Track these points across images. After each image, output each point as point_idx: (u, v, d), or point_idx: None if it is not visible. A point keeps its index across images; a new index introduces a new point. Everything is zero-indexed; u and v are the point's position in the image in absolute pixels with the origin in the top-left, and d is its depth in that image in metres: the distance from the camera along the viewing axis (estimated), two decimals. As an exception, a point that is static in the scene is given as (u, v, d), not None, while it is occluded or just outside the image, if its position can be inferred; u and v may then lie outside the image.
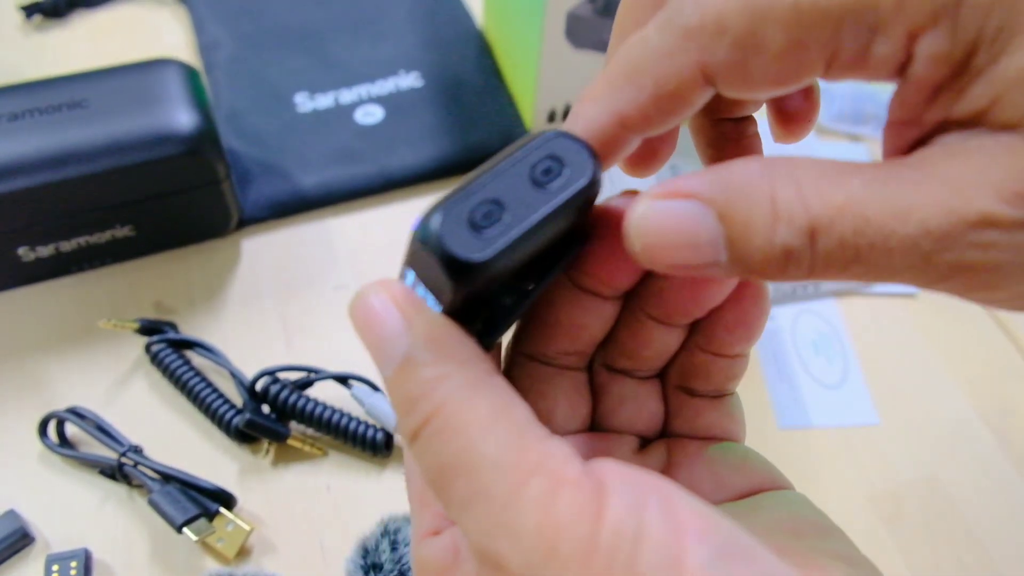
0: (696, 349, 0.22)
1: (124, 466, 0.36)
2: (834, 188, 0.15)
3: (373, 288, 0.17)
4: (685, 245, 0.16)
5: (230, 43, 0.55)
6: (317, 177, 0.48)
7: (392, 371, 0.16)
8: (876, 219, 0.15)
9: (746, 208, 0.15)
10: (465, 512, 0.15)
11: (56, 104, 0.39)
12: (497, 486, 0.14)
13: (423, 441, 0.15)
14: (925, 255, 0.15)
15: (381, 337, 0.16)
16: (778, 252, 0.15)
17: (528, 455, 0.15)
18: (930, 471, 0.41)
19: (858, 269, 0.15)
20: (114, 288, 0.44)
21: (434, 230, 0.16)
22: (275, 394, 0.38)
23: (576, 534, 0.13)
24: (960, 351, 0.45)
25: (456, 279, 0.16)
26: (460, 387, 0.15)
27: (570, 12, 0.45)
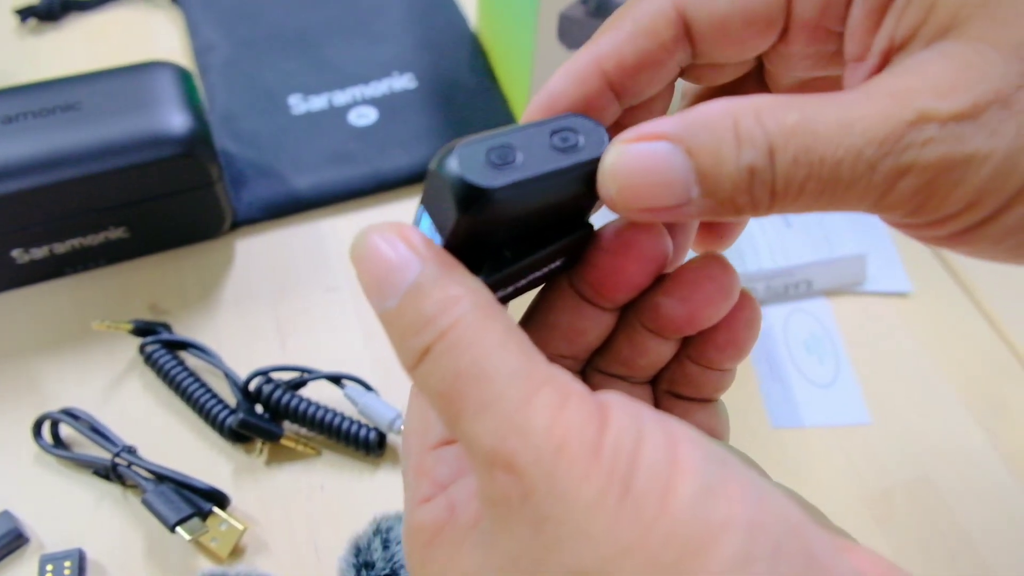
0: (687, 361, 0.22)
1: (118, 466, 0.36)
2: (788, 111, 0.16)
3: (375, 227, 0.17)
4: (658, 183, 0.17)
5: (224, 46, 0.55)
6: (311, 179, 0.48)
7: (399, 298, 0.16)
8: (824, 132, 0.15)
9: (712, 139, 0.16)
10: (477, 417, 0.15)
11: (50, 107, 0.39)
12: (511, 391, 0.15)
13: (435, 355, 0.16)
14: (870, 162, 0.15)
15: (387, 267, 0.16)
16: (744, 173, 0.16)
17: (538, 370, 0.15)
18: (922, 471, 0.41)
19: (813, 186, 0.16)
20: (108, 289, 0.44)
21: (450, 158, 0.16)
22: (268, 394, 0.38)
23: (584, 434, 0.14)
24: (951, 350, 0.45)
25: (466, 205, 0.16)
26: (474, 307, 0.16)
27: (563, 13, 0.45)
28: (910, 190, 0.15)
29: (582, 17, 0.45)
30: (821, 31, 0.19)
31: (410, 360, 0.16)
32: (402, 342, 0.16)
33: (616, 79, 0.19)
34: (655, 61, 0.19)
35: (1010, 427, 0.42)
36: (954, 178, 0.15)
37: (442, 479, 0.19)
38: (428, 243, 0.17)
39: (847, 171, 0.15)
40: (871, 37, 0.17)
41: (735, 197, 0.16)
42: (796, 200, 0.16)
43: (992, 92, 0.15)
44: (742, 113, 0.16)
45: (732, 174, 0.16)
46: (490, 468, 0.15)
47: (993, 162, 0.15)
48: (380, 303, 0.17)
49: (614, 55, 0.19)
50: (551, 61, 0.47)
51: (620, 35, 0.19)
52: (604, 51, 0.19)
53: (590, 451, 0.14)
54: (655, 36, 0.19)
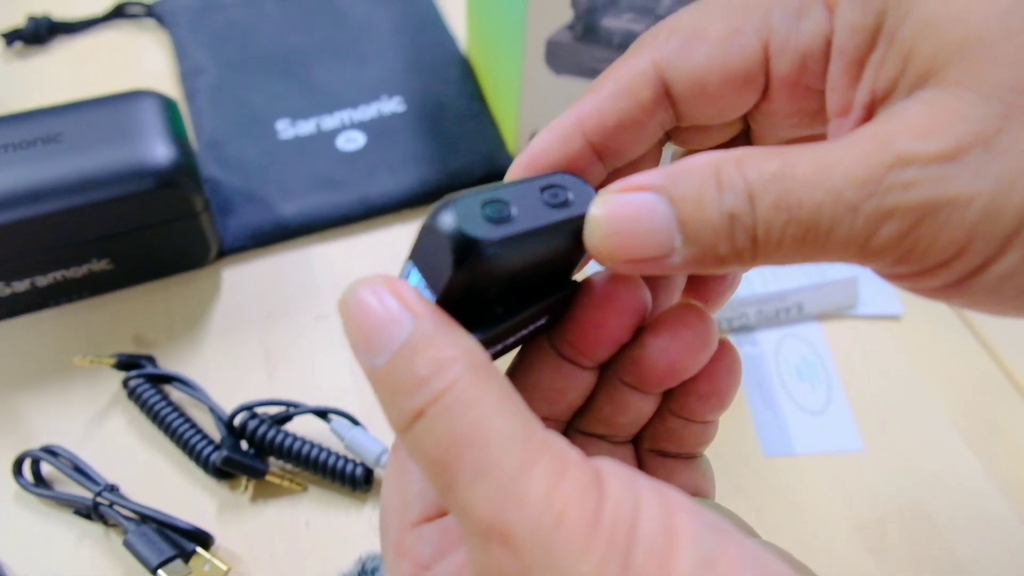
0: (669, 415, 0.22)
1: (99, 506, 0.36)
2: (769, 159, 0.16)
3: (365, 280, 0.17)
4: (641, 231, 0.17)
5: (212, 69, 0.55)
6: (298, 205, 0.48)
7: (389, 356, 0.16)
8: (803, 177, 0.15)
9: (694, 187, 0.16)
10: (472, 486, 0.15)
11: (31, 139, 0.38)
12: (508, 460, 0.14)
13: (429, 419, 0.15)
14: (851, 205, 0.15)
15: (376, 323, 0.16)
16: (725, 219, 0.16)
17: (535, 437, 0.15)
18: (915, 497, 0.40)
19: (794, 232, 0.16)
20: (92, 322, 0.43)
21: (447, 213, 0.16)
22: (253, 429, 0.38)
23: (582, 506, 0.14)
24: (944, 373, 0.45)
25: (463, 259, 0.16)
26: (469, 368, 0.15)
27: (550, 39, 0.45)
28: (895, 235, 0.15)
29: (569, 42, 0.45)
30: (802, 88, 0.18)
31: (401, 422, 0.16)
32: (392, 402, 0.16)
33: (597, 140, 0.19)
34: (635, 121, 0.19)
35: (1004, 452, 0.42)
36: (939, 222, 0.15)
37: (424, 559, 0.18)
38: (421, 299, 0.16)
39: (827, 215, 0.15)
40: (852, 91, 0.17)
41: (717, 245, 0.16)
42: (779, 248, 0.16)
43: (973, 134, 0.15)
44: (724, 162, 0.16)
45: (713, 220, 0.16)
46: (485, 540, 0.15)
47: (978, 204, 0.15)
48: (369, 360, 0.16)
49: (595, 115, 0.19)
50: (539, 86, 0.47)
51: (601, 96, 0.19)
52: (585, 112, 0.19)
53: (589, 523, 0.14)
54: (634, 96, 0.19)
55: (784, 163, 0.16)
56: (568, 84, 0.47)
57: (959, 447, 0.42)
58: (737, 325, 0.46)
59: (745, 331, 0.46)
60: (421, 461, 0.15)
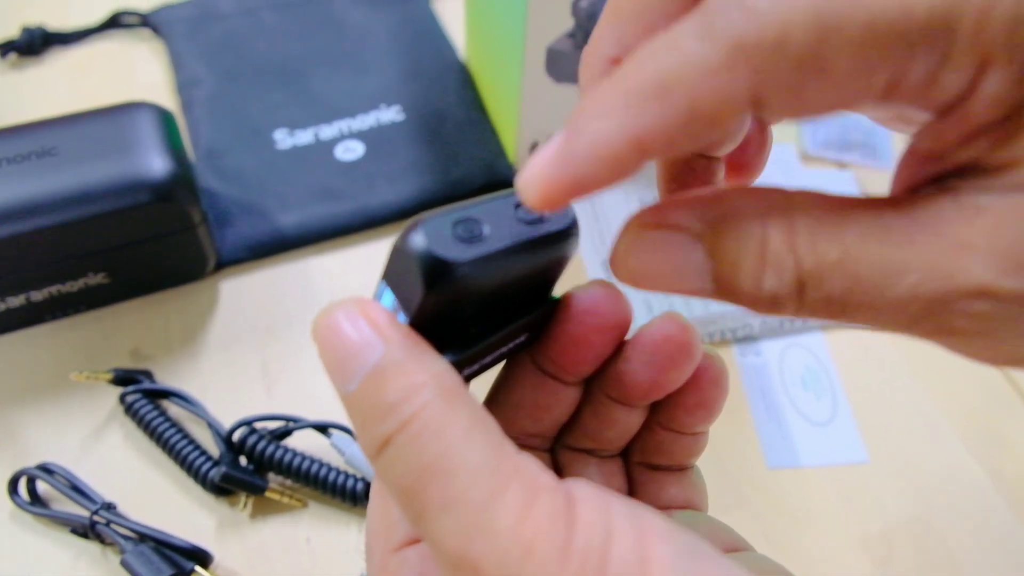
0: (657, 427, 0.22)
1: (96, 524, 0.35)
2: (828, 242, 0.14)
3: (338, 304, 0.16)
4: (671, 275, 0.16)
5: (209, 79, 0.54)
6: (296, 216, 0.48)
7: (360, 382, 0.15)
8: (867, 278, 0.14)
9: (735, 249, 0.15)
10: (441, 516, 0.14)
11: (25, 153, 0.38)
12: (476, 489, 0.14)
13: (397, 447, 0.15)
14: (913, 317, 0.14)
15: (349, 348, 0.16)
16: (765, 297, 0.15)
17: (505, 463, 0.15)
18: (921, 510, 0.40)
19: (844, 319, 0.15)
20: (89, 336, 0.43)
21: (417, 234, 0.16)
22: (252, 445, 0.37)
23: (551, 536, 0.14)
24: (948, 383, 0.44)
25: (433, 280, 0.16)
26: (438, 395, 0.15)
27: (550, 47, 0.44)
28: (950, 344, 0.15)
29: (569, 50, 0.45)
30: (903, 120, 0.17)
31: (371, 449, 0.15)
32: (363, 429, 0.15)
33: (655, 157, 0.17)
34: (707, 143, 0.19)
35: (1010, 463, 0.41)
36: (1004, 342, 0.14)
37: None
38: (392, 322, 0.16)
39: (886, 318, 0.15)
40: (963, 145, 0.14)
41: (752, 307, 0.16)
42: (819, 318, 0.16)
43: None
44: (774, 226, 0.15)
45: (751, 292, 0.15)
46: (455, 568, 0.14)
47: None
48: (342, 385, 0.16)
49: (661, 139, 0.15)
50: (539, 94, 0.46)
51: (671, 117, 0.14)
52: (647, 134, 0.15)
53: (558, 554, 0.14)
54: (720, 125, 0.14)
55: (845, 254, 0.14)
56: (569, 92, 0.46)
57: (965, 458, 0.42)
58: (741, 335, 0.45)
59: (749, 341, 0.45)
60: (392, 489, 0.15)
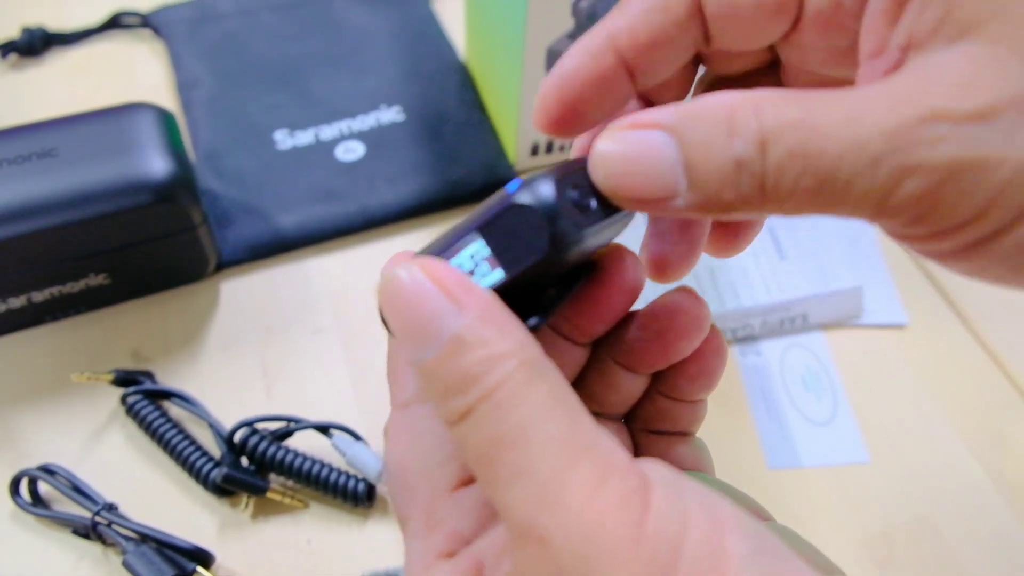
0: (658, 395, 0.22)
1: (98, 525, 0.35)
2: (790, 105, 0.15)
3: (405, 265, 0.16)
4: (645, 171, 0.16)
5: (209, 80, 0.54)
6: (297, 217, 0.48)
7: (437, 351, 0.15)
8: (826, 126, 0.15)
9: (705, 130, 0.15)
10: (512, 485, 0.14)
11: (25, 154, 0.38)
12: (548, 462, 0.14)
13: (477, 417, 0.15)
14: (874, 158, 0.14)
15: (423, 316, 0.15)
16: (731, 166, 0.15)
17: (581, 438, 0.15)
18: (922, 510, 0.40)
19: (809, 183, 0.15)
20: (90, 337, 0.43)
21: (544, 196, 0.16)
22: (254, 446, 0.38)
23: (623, 518, 0.14)
24: (950, 383, 0.44)
25: (558, 244, 0.16)
26: (520, 366, 0.15)
27: (550, 47, 0.44)
28: (916, 193, 0.14)
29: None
30: (835, 24, 0.18)
31: (449, 418, 0.15)
32: (442, 399, 0.15)
33: (629, 55, 0.19)
34: (667, 37, 0.19)
35: (1011, 463, 0.42)
36: (964, 184, 0.14)
37: (463, 531, 0.18)
38: (468, 287, 0.16)
39: (848, 167, 0.15)
40: (888, 33, 0.16)
41: (721, 192, 0.16)
42: (789, 199, 0.15)
43: (1009, 97, 0.14)
44: (740, 105, 0.15)
45: (719, 167, 0.15)
46: (521, 540, 0.14)
47: (1006, 169, 0.14)
48: (416, 352, 0.15)
49: (626, 30, 0.19)
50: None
51: (633, 11, 0.19)
52: (616, 26, 0.19)
53: (630, 536, 0.13)
54: (667, 11, 0.18)
55: (807, 110, 0.15)
56: (569, 93, 0.46)
57: (965, 458, 0.42)
58: (741, 335, 0.45)
59: (749, 341, 0.45)
60: (467, 454, 0.15)
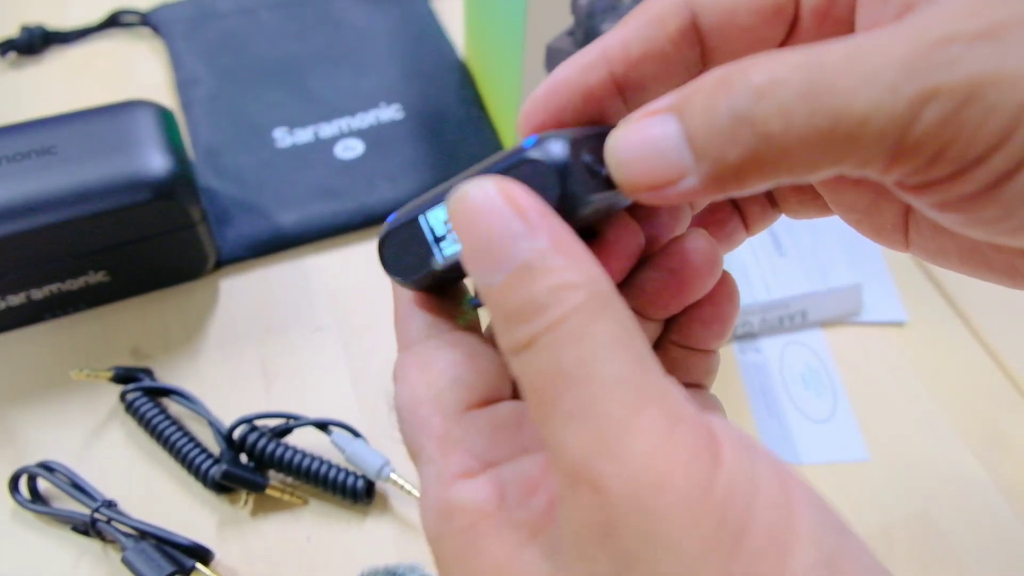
0: (671, 345, 0.22)
1: (97, 522, 0.35)
2: (792, 54, 0.15)
3: (482, 185, 0.15)
4: (652, 154, 0.16)
5: (208, 78, 0.54)
6: (296, 214, 0.48)
7: (506, 276, 0.14)
8: (835, 63, 0.14)
9: (700, 99, 0.15)
10: (569, 425, 0.13)
11: (25, 151, 0.38)
12: (612, 404, 0.13)
13: (538, 348, 0.14)
14: (891, 86, 0.14)
15: (495, 237, 0.15)
16: (728, 120, 0.15)
17: (648, 382, 0.14)
18: (921, 507, 0.40)
19: (820, 121, 0.14)
20: (89, 334, 0.43)
21: (562, 154, 0.16)
22: (253, 443, 0.38)
23: (692, 472, 0.13)
24: (949, 380, 0.44)
25: (564, 203, 0.16)
26: (590, 299, 0.14)
27: (549, 44, 0.44)
28: (937, 120, 0.14)
29: (569, 48, 0.45)
30: (831, 19, 0.18)
31: (510, 346, 0.15)
32: (505, 326, 0.15)
33: (621, 70, 0.19)
34: (660, 52, 0.19)
35: (1010, 460, 0.42)
36: (986, 102, 0.14)
37: (481, 452, 0.17)
38: (544, 211, 0.15)
39: (863, 99, 0.14)
40: (884, 6, 0.16)
41: (725, 152, 0.15)
42: (800, 147, 0.14)
43: (1015, 16, 0.14)
44: (733, 67, 0.15)
45: (716, 124, 0.15)
46: (573, 483, 0.13)
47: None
48: (484, 275, 0.15)
49: (619, 45, 0.19)
50: (539, 93, 0.46)
51: (628, 27, 0.19)
52: (610, 42, 0.19)
53: (699, 495, 0.13)
54: (661, 25, 0.18)
55: (812, 53, 0.14)
56: (568, 91, 0.46)
57: (964, 455, 0.42)
58: (740, 333, 0.45)
59: (749, 339, 0.45)
60: (524, 386, 0.15)
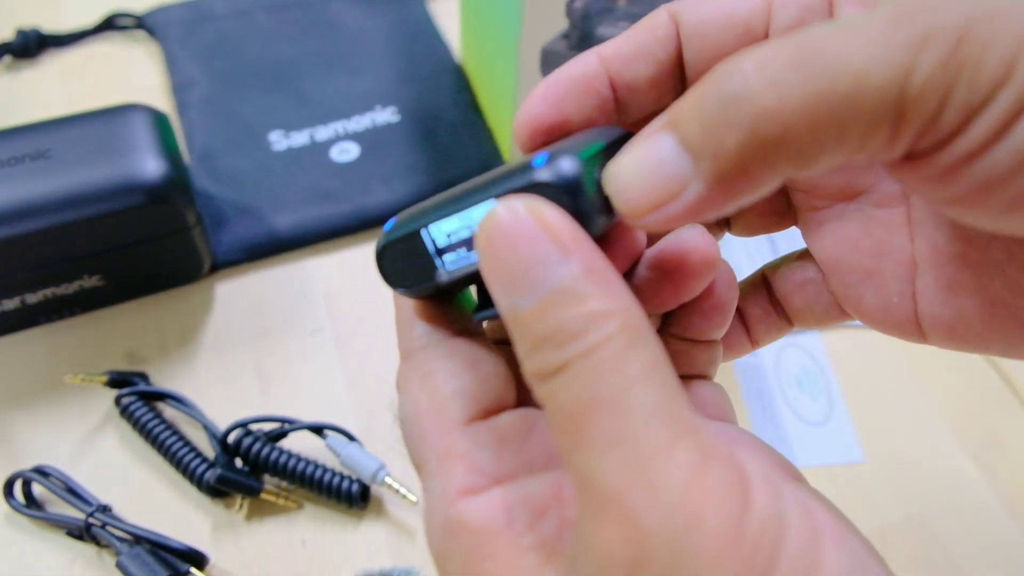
0: (672, 338, 0.21)
1: (92, 527, 0.35)
2: (775, 39, 0.15)
3: (513, 207, 0.15)
4: (649, 172, 0.15)
5: (204, 81, 0.54)
6: (292, 218, 0.48)
7: (539, 300, 0.14)
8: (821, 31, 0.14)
9: (690, 103, 0.15)
10: (604, 453, 0.13)
11: (19, 155, 0.38)
12: (648, 434, 0.13)
13: (572, 374, 0.14)
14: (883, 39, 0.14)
15: (531, 259, 0.14)
16: (718, 106, 0.14)
17: (681, 416, 0.14)
18: (916, 509, 0.40)
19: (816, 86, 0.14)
20: (84, 338, 0.43)
21: (576, 178, 0.15)
22: (248, 447, 0.37)
23: (724, 511, 0.13)
24: (945, 382, 0.44)
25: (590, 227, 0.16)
26: (624, 329, 0.14)
27: (545, 48, 0.44)
28: (935, 65, 0.13)
29: (564, 51, 0.45)
30: None
31: (539, 372, 0.14)
32: (534, 351, 0.14)
33: (614, 67, 0.20)
34: (649, 52, 0.19)
35: (1006, 463, 0.42)
36: (980, 40, 0.13)
37: (486, 467, 0.17)
38: (578, 235, 0.15)
39: (858, 56, 0.13)
40: None
41: (723, 141, 0.14)
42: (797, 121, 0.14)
43: None
44: (721, 64, 0.15)
45: (708, 114, 0.14)
46: (601, 513, 0.13)
47: (1020, 17, 0.13)
48: (511, 298, 0.14)
49: (612, 46, 0.20)
50: (534, 95, 0.46)
51: (620, 36, 0.20)
52: (605, 46, 0.20)
53: (731, 534, 0.12)
54: (651, 31, 0.20)
55: (796, 32, 0.14)
56: (563, 94, 0.46)
57: (960, 458, 0.42)
58: (736, 335, 0.45)
59: (744, 341, 0.45)
60: (552, 413, 0.14)
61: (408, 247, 0.18)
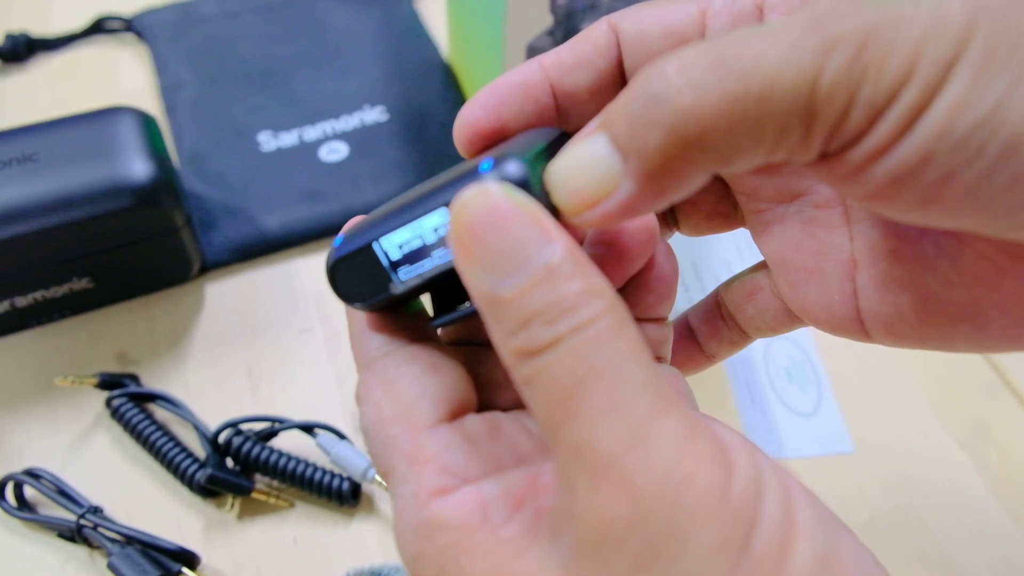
0: None
1: (83, 528, 0.35)
2: (699, 42, 0.15)
3: (491, 189, 0.15)
4: (584, 171, 0.16)
5: (192, 83, 0.54)
6: (281, 218, 0.48)
7: (527, 279, 0.14)
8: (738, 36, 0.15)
9: (620, 104, 0.15)
10: (601, 420, 0.14)
11: (6, 159, 0.38)
12: (642, 403, 0.14)
13: (566, 348, 0.14)
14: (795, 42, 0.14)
15: (517, 240, 0.15)
16: (641, 105, 0.15)
17: (667, 392, 0.14)
18: (906, 498, 0.40)
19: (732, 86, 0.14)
20: (74, 341, 0.43)
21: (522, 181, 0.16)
22: (238, 446, 0.38)
23: (713, 476, 0.14)
24: (933, 371, 0.44)
25: None
26: (612, 308, 0.15)
27: (530, 45, 0.44)
28: (841, 67, 0.14)
29: (549, 47, 0.45)
30: None
31: (526, 349, 0.15)
32: (520, 329, 0.15)
33: (554, 74, 0.20)
34: (588, 61, 0.20)
35: (994, 452, 0.42)
36: (885, 41, 0.14)
37: (457, 468, 0.17)
38: (558, 227, 0.15)
39: (771, 57, 0.14)
40: None
41: (646, 137, 0.15)
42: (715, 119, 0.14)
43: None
44: (648, 66, 0.15)
45: (633, 112, 0.15)
46: (597, 479, 0.14)
47: (921, 23, 0.14)
48: (494, 279, 0.15)
49: (554, 55, 0.20)
50: (520, 92, 0.46)
51: (562, 47, 0.20)
52: (544, 58, 0.20)
53: (718, 494, 0.13)
54: (590, 41, 0.20)
55: (717, 37, 0.15)
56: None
57: (949, 447, 0.42)
58: (725, 328, 0.45)
59: (733, 334, 0.45)
60: (541, 388, 0.15)
61: (360, 261, 0.18)
